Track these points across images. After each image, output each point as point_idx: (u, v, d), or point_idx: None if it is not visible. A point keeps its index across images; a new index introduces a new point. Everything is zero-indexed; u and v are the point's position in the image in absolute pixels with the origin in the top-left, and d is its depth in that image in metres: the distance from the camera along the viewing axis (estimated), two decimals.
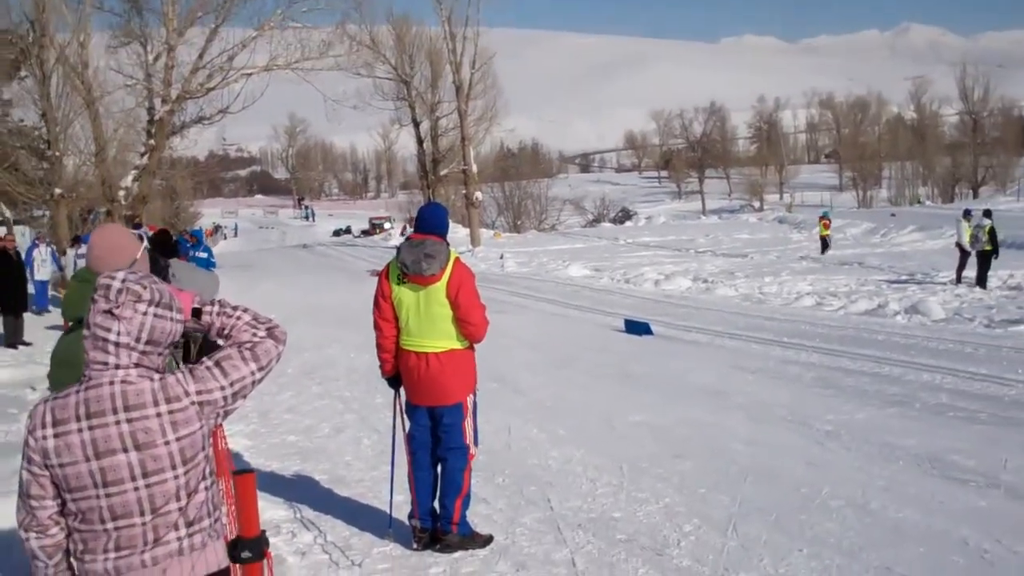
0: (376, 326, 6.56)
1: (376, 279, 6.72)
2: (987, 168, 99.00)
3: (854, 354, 14.64)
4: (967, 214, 26.19)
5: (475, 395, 6.64)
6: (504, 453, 9.11)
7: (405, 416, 6.75)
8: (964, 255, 24.83)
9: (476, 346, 6.66)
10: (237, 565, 2.91)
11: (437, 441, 6.58)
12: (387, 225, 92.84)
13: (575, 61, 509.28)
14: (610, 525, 6.97)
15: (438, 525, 6.57)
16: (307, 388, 13.10)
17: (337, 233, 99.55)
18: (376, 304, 6.54)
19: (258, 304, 3.29)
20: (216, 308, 3.06)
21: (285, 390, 12.84)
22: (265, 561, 2.70)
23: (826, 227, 39.11)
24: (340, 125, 47.02)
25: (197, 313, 3.03)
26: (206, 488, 2.93)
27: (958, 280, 24.71)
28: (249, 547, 2.66)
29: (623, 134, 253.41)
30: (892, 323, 18.46)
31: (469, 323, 6.36)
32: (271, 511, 7.45)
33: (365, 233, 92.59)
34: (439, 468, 6.61)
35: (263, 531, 2.67)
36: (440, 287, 6.30)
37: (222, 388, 2.91)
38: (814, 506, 7.24)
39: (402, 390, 6.71)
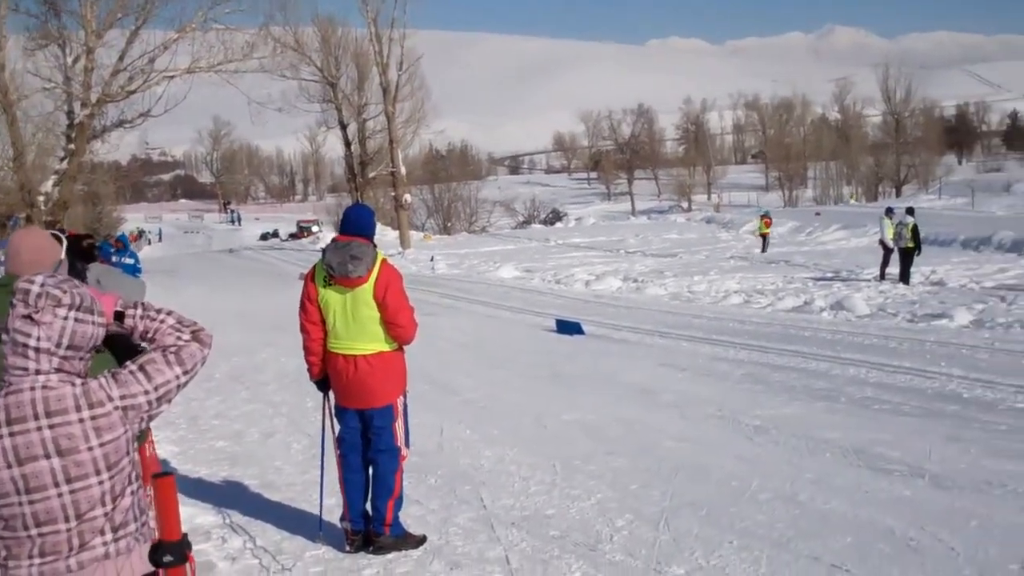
0: (303, 329, 6.50)
1: None
2: (909, 167, 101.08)
3: (781, 350, 14.83)
4: (890, 212, 26.67)
5: (405, 397, 6.60)
6: (436, 454, 9.09)
7: (335, 419, 6.71)
8: (887, 252, 25.28)
9: (407, 347, 6.62)
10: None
11: (368, 443, 6.54)
12: (315, 228, 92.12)
13: (503, 63, 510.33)
14: (543, 522, 6.99)
15: (371, 527, 6.53)
16: (236, 393, 12.96)
17: (264, 237, 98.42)
18: (302, 307, 6.47)
19: (185, 310, 3.25)
20: (139, 311, 3.01)
21: (213, 395, 12.69)
22: (188, 565, 2.66)
23: (767, 225, 39.69)
24: (265, 128, 46.61)
25: (120, 316, 2.98)
26: (132, 493, 2.89)
27: (882, 277, 25.15)
28: (171, 551, 2.62)
29: (552, 136, 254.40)
30: (818, 319, 18.74)
31: (397, 325, 6.32)
32: (200, 517, 7.36)
33: (293, 236, 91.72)
34: (370, 470, 6.57)
35: (185, 534, 2.64)
36: (367, 289, 6.24)
37: (146, 392, 2.86)
38: (744, 499, 7.32)
39: (331, 393, 6.67)
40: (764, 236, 39.42)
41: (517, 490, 7.81)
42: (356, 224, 6.44)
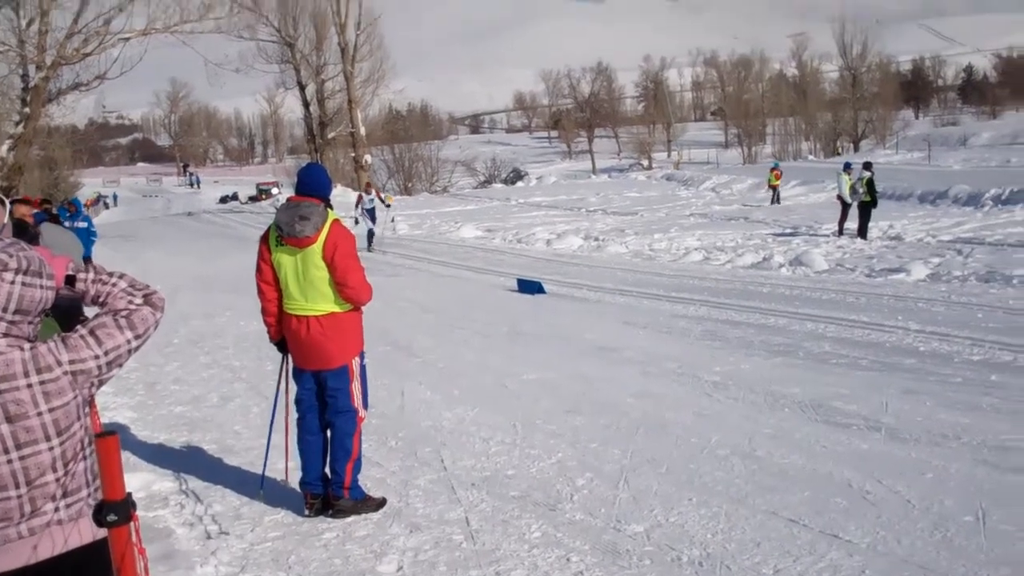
0: (259, 290, 6.48)
1: None
2: (867, 122, 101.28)
3: (740, 306, 14.92)
4: (847, 167, 26.80)
5: (362, 358, 6.58)
6: (397, 416, 9.08)
7: (292, 380, 6.69)
8: (845, 207, 25.43)
9: (366, 308, 6.60)
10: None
11: (325, 405, 6.53)
12: (275, 191, 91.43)
13: (463, 20, 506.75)
14: (503, 483, 7.00)
15: (330, 490, 6.53)
16: (195, 357, 12.86)
17: (224, 200, 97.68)
18: (257, 268, 6.45)
19: (143, 274, 3.23)
20: (91, 275, 2.97)
21: (172, 360, 12.61)
22: (132, 524, 2.65)
23: (777, 177, 40.08)
24: (223, 89, 46.17)
25: (71, 280, 2.94)
26: (84, 458, 2.86)
27: (840, 232, 25.31)
28: (114, 510, 2.61)
29: (512, 94, 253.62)
30: (777, 275, 18.86)
31: (347, 286, 6.28)
32: (158, 483, 7.34)
33: (253, 199, 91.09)
34: (328, 433, 6.57)
35: (129, 493, 2.62)
36: (316, 249, 6.21)
37: (96, 357, 2.83)
38: (703, 455, 7.37)
39: (290, 355, 6.65)
40: (774, 188, 39.84)
41: (478, 451, 7.82)
42: (308, 184, 6.41)
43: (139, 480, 7.28)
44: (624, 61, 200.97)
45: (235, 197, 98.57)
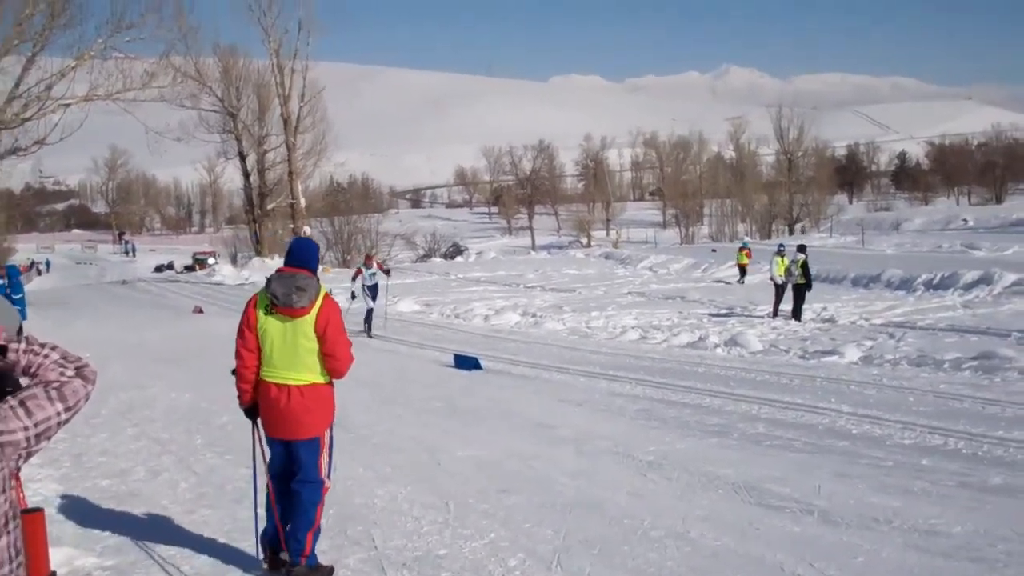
0: (238, 355, 6.52)
1: (199, 315, 6.62)
2: (802, 206, 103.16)
3: (676, 386, 14.99)
4: (780, 249, 27.24)
5: (332, 429, 6.66)
6: (328, 493, 8.95)
7: (265, 446, 6.68)
8: (779, 289, 25.78)
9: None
10: None
11: (291, 473, 6.57)
12: (211, 261, 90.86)
13: (406, 97, 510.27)
14: (435, 563, 6.92)
15: (288, 558, 6.56)
16: (123, 429, 12.60)
17: (159, 269, 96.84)
18: (240, 333, 6.51)
19: (73, 342, 3.18)
20: (23, 345, 2.93)
21: (99, 431, 12.35)
22: None
23: (747, 256, 40.35)
24: (163, 158, 45.95)
25: (2, 350, 2.90)
26: (8, 532, 2.79)
27: (775, 314, 25.61)
28: None
29: (454, 170, 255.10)
30: (712, 355, 19.00)
31: (335, 357, 6.39)
32: (81, 559, 7.13)
33: (188, 269, 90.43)
34: (292, 500, 6.57)
35: (53, 572, 2.57)
36: (308, 320, 6.33)
37: (25, 428, 2.78)
38: (636, 537, 7.35)
39: (259, 421, 6.66)
40: (743, 267, 40.09)
41: (409, 530, 7.73)
42: (301, 257, 6.56)
43: (62, 555, 7.09)
44: (565, 140, 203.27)
45: (171, 266, 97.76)
